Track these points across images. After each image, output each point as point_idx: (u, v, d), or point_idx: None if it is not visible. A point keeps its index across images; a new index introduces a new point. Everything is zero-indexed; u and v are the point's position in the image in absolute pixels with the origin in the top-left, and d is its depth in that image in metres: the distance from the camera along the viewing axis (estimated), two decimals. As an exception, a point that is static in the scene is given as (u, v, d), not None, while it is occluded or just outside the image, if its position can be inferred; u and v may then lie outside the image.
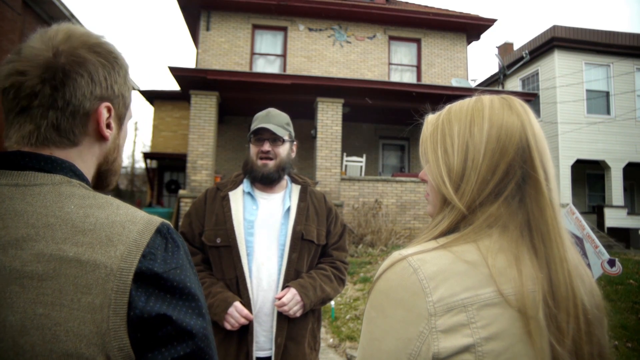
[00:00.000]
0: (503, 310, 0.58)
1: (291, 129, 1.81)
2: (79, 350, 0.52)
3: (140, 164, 23.91)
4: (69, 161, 0.66)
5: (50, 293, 0.53)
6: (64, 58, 0.64)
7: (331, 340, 4.44)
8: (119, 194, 20.22)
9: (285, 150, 1.75)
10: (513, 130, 0.67)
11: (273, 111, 1.77)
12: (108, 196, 0.66)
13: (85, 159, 0.69)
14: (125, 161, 25.76)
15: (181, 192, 8.94)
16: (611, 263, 2.28)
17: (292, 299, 1.57)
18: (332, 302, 5.17)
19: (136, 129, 31.76)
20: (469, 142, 0.69)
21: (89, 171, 0.70)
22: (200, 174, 8.98)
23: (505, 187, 0.66)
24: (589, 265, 2.29)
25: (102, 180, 0.75)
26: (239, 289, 1.59)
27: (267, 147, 1.70)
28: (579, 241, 2.33)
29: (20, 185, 0.60)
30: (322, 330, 4.75)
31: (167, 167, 16.28)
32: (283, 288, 1.61)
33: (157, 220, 0.64)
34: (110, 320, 0.54)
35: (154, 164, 16.31)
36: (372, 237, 8.61)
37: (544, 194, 0.64)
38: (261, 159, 1.70)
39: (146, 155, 15.52)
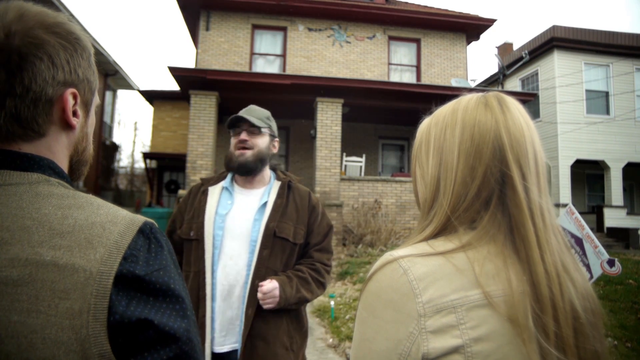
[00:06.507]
0: (492, 311, 0.58)
1: (272, 124, 1.80)
2: (57, 358, 0.50)
3: (140, 164, 23.90)
4: (48, 158, 0.62)
5: (26, 299, 0.50)
6: (19, 39, 0.58)
7: (331, 340, 4.43)
8: (118, 194, 20.20)
9: (264, 142, 1.73)
10: (487, 128, 0.66)
11: (253, 106, 1.79)
12: (89, 195, 0.62)
13: (55, 151, 0.64)
14: (125, 161, 25.76)
15: (181, 192, 8.95)
16: (610, 263, 2.28)
17: (270, 291, 1.54)
18: (332, 302, 5.17)
19: (136, 129, 31.82)
20: (443, 145, 0.69)
21: (62, 165, 0.66)
22: (200, 174, 8.98)
23: (490, 194, 0.65)
24: (588, 265, 2.29)
25: (74, 172, 0.71)
26: (199, 282, 1.60)
27: (244, 136, 1.70)
28: (578, 241, 2.33)
29: None
30: (322, 330, 4.74)
31: (166, 167, 16.28)
32: (252, 284, 1.58)
33: (139, 219, 0.61)
34: (90, 326, 0.52)
35: (153, 164, 16.32)
36: (371, 237, 8.62)
37: (519, 194, 0.63)
38: (239, 149, 1.70)
39: (146, 155, 15.53)
